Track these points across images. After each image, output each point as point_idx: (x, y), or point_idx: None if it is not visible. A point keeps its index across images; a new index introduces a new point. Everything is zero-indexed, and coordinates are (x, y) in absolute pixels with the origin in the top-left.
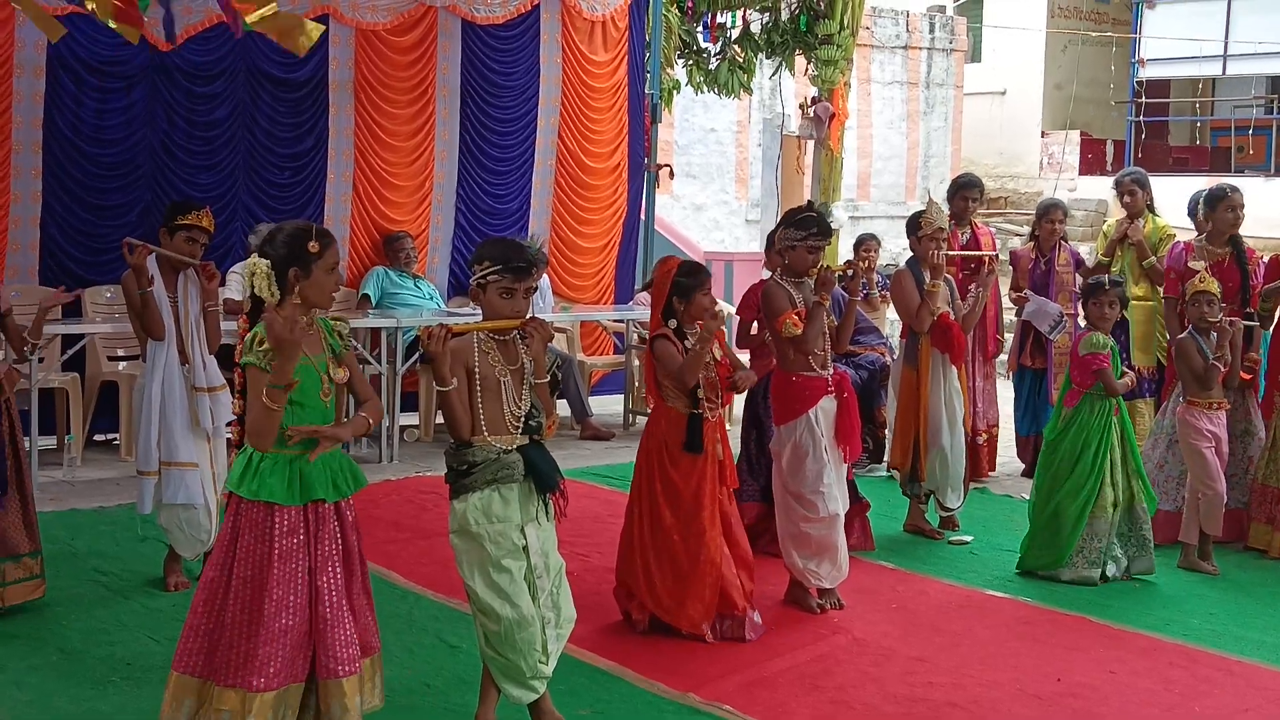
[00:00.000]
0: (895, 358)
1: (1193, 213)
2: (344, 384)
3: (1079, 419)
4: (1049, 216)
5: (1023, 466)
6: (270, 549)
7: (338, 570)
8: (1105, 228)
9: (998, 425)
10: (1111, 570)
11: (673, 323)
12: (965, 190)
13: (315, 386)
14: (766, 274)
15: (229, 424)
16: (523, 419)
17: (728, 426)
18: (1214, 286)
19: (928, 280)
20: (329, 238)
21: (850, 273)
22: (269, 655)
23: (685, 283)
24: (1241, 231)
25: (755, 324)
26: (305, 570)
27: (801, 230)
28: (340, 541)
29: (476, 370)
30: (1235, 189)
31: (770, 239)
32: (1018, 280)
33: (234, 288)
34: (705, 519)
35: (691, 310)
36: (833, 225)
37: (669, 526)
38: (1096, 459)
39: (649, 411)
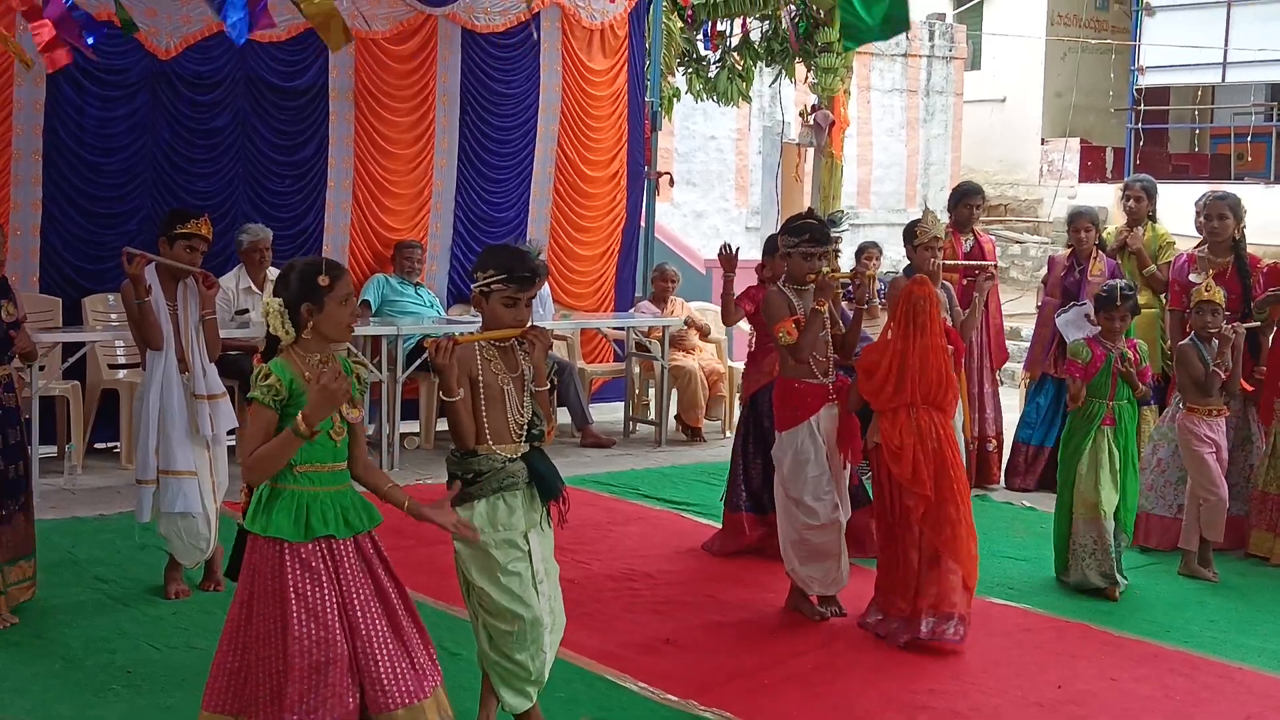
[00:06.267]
0: None
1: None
2: (356, 423)
3: (1075, 423)
4: (1075, 225)
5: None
6: (284, 586)
7: (370, 604)
8: (1105, 235)
9: (1003, 433)
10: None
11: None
12: (968, 198)
13: (328, 424)
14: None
15: (230, 433)
16: (525, 426)
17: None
18: (1219, 296)
19: None
20: (339, 269)
21: (856, 281)
22: (300, 693)
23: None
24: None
25: (746, 318)
26: (334, 605)
27: (795, 237)
28: (368, 576)
29: (480, 379)
30: (1222, 196)
31: (766, 247)
32: (1050, 286)
33: (220, 300)
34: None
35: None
36: (837, 232)
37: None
38: (1093, 461)
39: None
